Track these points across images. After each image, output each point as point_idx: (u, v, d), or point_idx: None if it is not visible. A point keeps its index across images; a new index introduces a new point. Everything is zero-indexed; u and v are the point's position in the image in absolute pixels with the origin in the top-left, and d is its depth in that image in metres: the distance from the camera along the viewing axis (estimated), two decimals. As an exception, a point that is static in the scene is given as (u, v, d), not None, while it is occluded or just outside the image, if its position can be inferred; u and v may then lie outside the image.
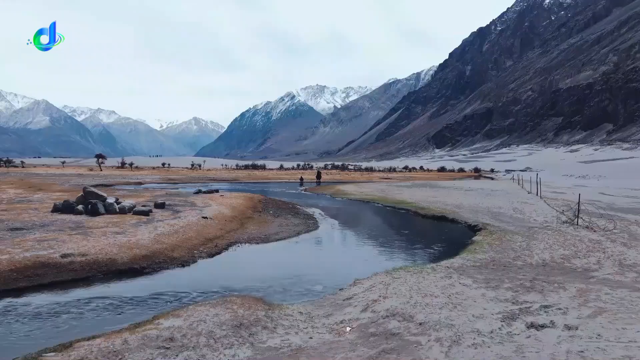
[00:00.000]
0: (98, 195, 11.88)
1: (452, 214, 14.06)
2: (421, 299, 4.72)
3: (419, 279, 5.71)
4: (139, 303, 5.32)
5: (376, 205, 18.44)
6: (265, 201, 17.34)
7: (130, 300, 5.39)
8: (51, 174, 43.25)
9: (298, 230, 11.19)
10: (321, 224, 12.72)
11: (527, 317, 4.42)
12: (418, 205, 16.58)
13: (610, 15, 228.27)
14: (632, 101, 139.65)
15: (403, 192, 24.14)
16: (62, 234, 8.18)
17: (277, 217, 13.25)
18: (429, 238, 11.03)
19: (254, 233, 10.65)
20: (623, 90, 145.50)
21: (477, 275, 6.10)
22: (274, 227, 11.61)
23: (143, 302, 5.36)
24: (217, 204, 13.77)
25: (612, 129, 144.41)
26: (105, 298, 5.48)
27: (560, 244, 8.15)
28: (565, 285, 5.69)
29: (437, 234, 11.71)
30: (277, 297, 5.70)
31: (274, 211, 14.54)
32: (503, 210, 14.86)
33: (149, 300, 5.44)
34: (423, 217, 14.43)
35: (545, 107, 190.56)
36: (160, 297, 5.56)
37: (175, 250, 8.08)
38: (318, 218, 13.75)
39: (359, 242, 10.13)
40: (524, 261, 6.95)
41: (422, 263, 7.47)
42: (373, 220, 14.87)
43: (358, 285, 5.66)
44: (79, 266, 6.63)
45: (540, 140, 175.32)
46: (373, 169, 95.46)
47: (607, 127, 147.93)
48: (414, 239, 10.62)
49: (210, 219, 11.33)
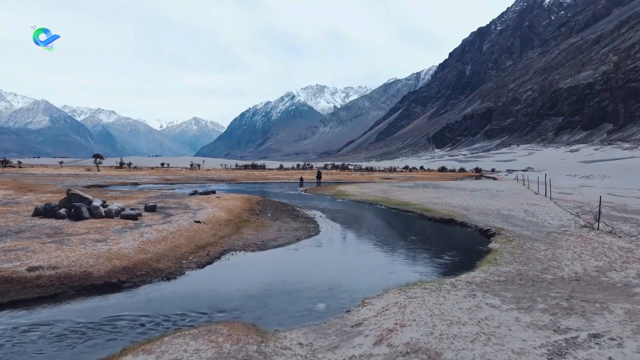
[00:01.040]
0: (82, 197, 11.05)
1: (460, 217, 13.25)
2: (447, 329, 3.90)
3: (439, 298, 4.89)
4: (108, 329, 4.49)
5: (379, 207, 17.61)
6: (264, 203, 16.53)
7: (99, 326, 4.56)
8: (47, 174, 42.39)
9: (298, 236, 10.37)
10: (322, 227, 11.90)
11: (577, 352, 3.61)
12: (423, 207, 15.78)
13: (610, 15, 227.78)
14: (632, 101, 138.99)
15: (406, 192, 23.33)
16: (34, 242, 7.36)
17: (276, 220, 12.42)
18: (440, 244, 10.21)
19: (250, 239, 9.84)
20: (623, 90, 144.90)
21: (504, 292, 5.28)
22: (272, 231, 10.79)
23: (113, 328, 4.54)
24: (212, 207, 12.95)
25: (612, 128, 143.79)
26: (70, 322, 4.65)
27: (589, 253, 7.33)
28: (608, 306, 4.88)
29: (448, 240, 10.88)
30: (273, 319, 4.89)
31: (272, 214, 13.73)
32: (514, 213, 14.06)
33: (121, 325, 4.62)
34: (430, 220, 13.61)
35: (545, 107, 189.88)
36: (136, 321, 4.73)
37: (161, 261, 7.26)
38: (319, 221, 12.92)
39: (364, 250, 9.31)
40: (554, 274, 6.13)
41: (437, 276, 6.65)
42: (377, 224, 14.04)
43: (367, 306, 4.84)
44: (47, 281, 5.81)
45: (540, 140, 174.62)
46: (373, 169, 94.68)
47: (607, 127, 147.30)
48: (423, 245, 9.80)
49: (204, 224, 10.51)
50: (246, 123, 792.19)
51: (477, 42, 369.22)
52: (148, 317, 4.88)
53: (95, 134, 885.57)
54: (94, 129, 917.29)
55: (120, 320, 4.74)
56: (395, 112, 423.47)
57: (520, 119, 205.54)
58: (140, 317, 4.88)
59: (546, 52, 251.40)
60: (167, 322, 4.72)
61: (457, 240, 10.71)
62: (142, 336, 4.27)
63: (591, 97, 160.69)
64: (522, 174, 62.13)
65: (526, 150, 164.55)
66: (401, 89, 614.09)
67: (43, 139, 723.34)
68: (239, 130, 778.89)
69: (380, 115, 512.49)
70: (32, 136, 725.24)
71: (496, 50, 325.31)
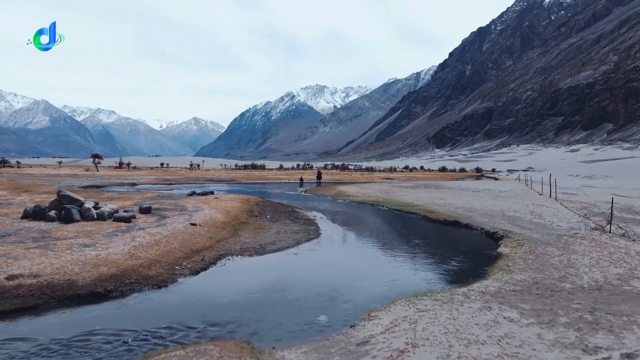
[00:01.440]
0: (73, 199, 10.62)
1: (465, 219, 12.82)
2: (465, 350, 3.48)
3: (452, 312, 4.46)
4: (86, 347, 4.07)
5: (381, 208, 17.18)
6: (263, 204, 16.11)
7: (77, 344, 4.13)
8: (45, 174, 41.97)
9: (297, 239, 9.94)
10: (323, 230, 11.47)
11: (613, 378, 3.19)
12: (426, 209, 15.36)
13: (610, 14, 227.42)
14: (632, 101, 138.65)
15: (407, 193, 22.91)
16: (18, 248, 6.93)
17: (275, 222, 12.00)
18: (446, 248, 9.80)
19: (248, 242, 9.41)
20: (623, 90, 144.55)
21: (521, 304, 4.86)
22: (270, 234, 10.36)
23: (91, 346, 4.10)
24: (209, 208, 12.52)
25: (613, 128, 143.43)
26: (44, 339, 4.23)
27: (607, 259, 6.91)
28: (636, 319, 4.46)
29: (454, 243, 10.46)
30: (269, 335, 4.47)
31: (271, 215, 13.30)
32: (520, 214, 13.64)
33: (100, 342, 4.19)
34: (433, 222, 13.19)
35: (546, 106, 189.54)
36: (119, 337, 4.31)
37: (152, 267, 6.83)
38: (319, 223, 12.49)
39: (367, 255, 8.87)
40: (572, 283, 5.71)
41: (447, 285, 6.23)
42: (379, 226, 13.62)
43: (374, 320, 4.42)
44: (27, 291, 5.38)
45: (540, 140, 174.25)
46: (374, 168, 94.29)
47: (608, 126, 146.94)
48: (428, 249, 9.37)
49: (200, 226, 10.08)
50: (246, 123, 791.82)
51: (477, 42, 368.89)
52: (133, 332, 4.46)
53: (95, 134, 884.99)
54: (94, 129, 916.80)
55: (101, 336, 4.32)
56: (395, 112, 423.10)
57: (520, 119, 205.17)
58: (125, 332, 4.45)
59: (546, 52, 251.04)
60: (153, 339, 4.30)
61: (464, 243, 10.29)
62: (122, 357, 3.84)
63: (591, 97, 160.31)
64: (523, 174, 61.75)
65: (526, 150, 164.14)
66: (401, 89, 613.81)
67: (43, 139, 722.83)
68: (239, 130, 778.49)
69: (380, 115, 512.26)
70: (32, 136, 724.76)
71: (496, 50, 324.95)
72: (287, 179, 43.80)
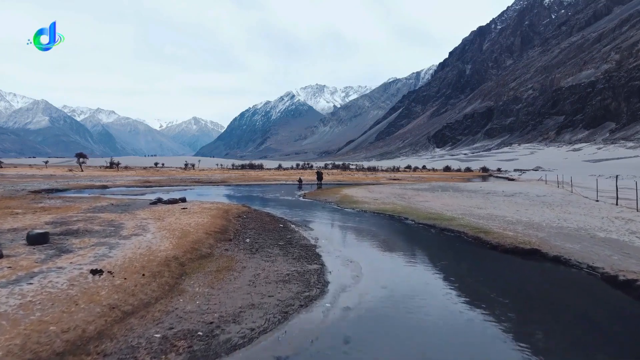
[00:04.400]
0: None
1: (544, 245, 8.34)
2: None
3: None
4: None
5: (406, 222, 12.84)
6: (246, 217, 12.03)
7: None
8: (20, 174, 37.90)
9: (286, 302, 5.27)
10: (331, 273, 6.79)
11: None
12: (471, 225, 10.99)
13: (611, 13, 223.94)
14: (635, 99, 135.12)
15: (429, 198, 18.84)
16: None
17: (255, 253, 7.83)
18: (557, 317, 5.30)
19: (188, 315, 4.64)
20: (626, 89, 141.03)
21: None
22: (240, 285, 5.81)
23: None
24: (157, 229, 8.41)
25: (615, 127, 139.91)
26: None
27: None
28: None
29: (561, 303, 5.89)
30: None
31: (253, 238, 9.19)
32: (614, 235, 9.09)
33: None
34: (495, 250, 8.61)
35: (547, 105, 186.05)
36: None
37: None
38: (324, 255, 7.93)
39: (421, 346, 4.37)
40: None
41: None
42: (417, 260, 8.45)
43: None
44: None
45: (541, 140, 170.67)
46: (376, 168, 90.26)
47: (610, 125, 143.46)
48: (529, 322, 5.15)
49: (108, 275, 5.33)
50: (246, 123, 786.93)
51: (477, 41, 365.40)
52: None
53: (95, 134, 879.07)
54: (94, 129, 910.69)
55: None
56: (395, 111, 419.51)
57: (521, 118, 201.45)
58: None
59: (547, 50, 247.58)
60: None
61: (582, 304, 5.87)
62: None
63: (593, 95, 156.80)
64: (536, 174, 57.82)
65: (528, 149, 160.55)
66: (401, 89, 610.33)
67: (43, 139, 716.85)
68: (238, 130, 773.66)
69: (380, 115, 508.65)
70: (32, 136, 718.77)
71: (496, 49, 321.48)
72: (285, 179, 39.68)
